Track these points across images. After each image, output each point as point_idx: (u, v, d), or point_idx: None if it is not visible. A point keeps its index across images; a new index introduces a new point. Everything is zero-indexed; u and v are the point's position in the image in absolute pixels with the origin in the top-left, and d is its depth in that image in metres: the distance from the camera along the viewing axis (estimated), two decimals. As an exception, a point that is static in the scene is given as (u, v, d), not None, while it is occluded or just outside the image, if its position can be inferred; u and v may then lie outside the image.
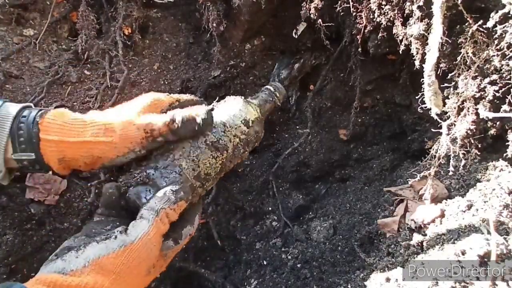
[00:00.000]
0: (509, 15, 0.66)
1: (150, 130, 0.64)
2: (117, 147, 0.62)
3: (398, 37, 0.84)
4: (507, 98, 0.69)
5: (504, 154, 0.75)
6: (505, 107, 0.70)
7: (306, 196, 1.30)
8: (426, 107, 0.74)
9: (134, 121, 0.64)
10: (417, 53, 0.79)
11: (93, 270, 0.50)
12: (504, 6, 0.66)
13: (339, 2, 0.95)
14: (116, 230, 0.55)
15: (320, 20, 1.01)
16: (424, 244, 0.72)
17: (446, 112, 0.78)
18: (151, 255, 0.56)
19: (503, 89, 0.70)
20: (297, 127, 1.36)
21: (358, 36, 0.98)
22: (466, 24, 0.71)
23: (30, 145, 0.60)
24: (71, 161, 0.62)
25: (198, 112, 0.68)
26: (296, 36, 1.24)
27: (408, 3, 0.79)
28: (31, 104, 0.66)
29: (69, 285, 0.48)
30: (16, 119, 0.60)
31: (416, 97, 0.78)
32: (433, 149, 0.80)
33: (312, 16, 0.99)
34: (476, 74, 0.73)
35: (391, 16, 0.83)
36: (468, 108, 0.74)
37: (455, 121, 0.76)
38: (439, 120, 0.77)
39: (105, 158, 0.63)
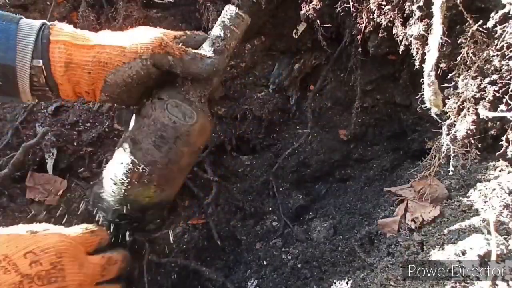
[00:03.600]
0: (509, 15, 0.66)
1: (164, 43, 0.61)
2: (125, 52, 0.60)
3: (398, 37, 0.84)
4: (505, 98, 0.69)
5: (497, 153, 0.74)
6: (502, 106, 0.70)
7: (306, 196, 1.30)
8: (425, 107, 0.75)
9: (148, 33, 0.62)
10: (417, 53, 0.80)
11: None
12: (504, 6, 0.66)
13: (339, 2, 0.95)
14: None
15: (318, 21, 1.01)
16: (424, 244, 0.72)
17: (446, 112, 0.78)
18: None
19: (503, 89, 0.70)
20: (297, 127, 1.36)
21: (358, 36, 0.98)
22: (466, 24, 0.71)
23: (39, 49, 0.57)
24: (76, 71, 0.59)
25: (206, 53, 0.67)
26: (296, 36, 1.24)
27: (408, 3, 0.79)
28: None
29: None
30: (39, 32, 0.58)
31: (416, 97, 0.78)
32: (433, 149, 0.80)
33: (311, 16, 0.99)
34: (476, 74, 0.73)
35: (391, 16, 0.84)
36: (468, 108, 0.74)
37: (455, 121, 0.76)
38: (439, 120, 0.77)
39: (111, 65, 0.59)
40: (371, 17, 0.90)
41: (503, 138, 0.73)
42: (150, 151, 0.65)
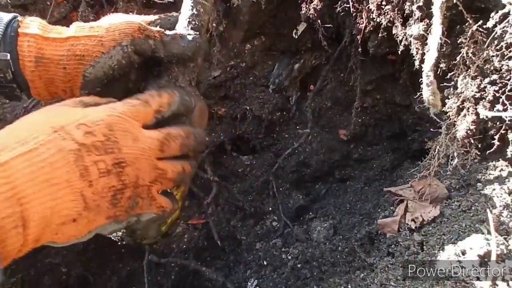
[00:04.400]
0: (509, 15, 0.66)
1: (143, 28, 0.57)
2: (103, 41, 0.55)
3: (398, 37, 0.84)
4: (501, 98, 0.69)
5: (488, 152, 0.74)
6: (498, 106, 0.70)
7: (306, 196, 1.30)
8: (425, 107, 0.75)
9: (124, 19, 0.58)
10: (417, 53, 0.80)
11: None
12: (504, 6, 0.66)
13: (339, 2, 0.95)
14: None
15: (319, 21, 1.01)
16: (424, 244, 0.72)
17: (446, 112, 0.78)
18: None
19: (503, 89, 0.70)
20: (297, 127, 1.36)
21: (358, 36, 0.98)
22: (466, 24, 0.71)
23: (7, 42, 0.52)
24: (49, 67, 0.54)
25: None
26: (296, 36, 1.24)
27: (408, 3, 0.79)
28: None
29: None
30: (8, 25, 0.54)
31: (416, 97, 0.78)
32: (433, 149, 0.80)
33: (312, 16, 0.99)
34: (476, 74, 0.73)
35: (391, 16, 0.84)
36: (468, 108, 0.74)
37: (455, 121, 0.76)
38: (439, 120, 0.77)
39: (88, 58, 0.54)
40: (371, 17, 0.90)
41: (503, 138, 0.73)
42: None
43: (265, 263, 1.10)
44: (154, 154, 0.51)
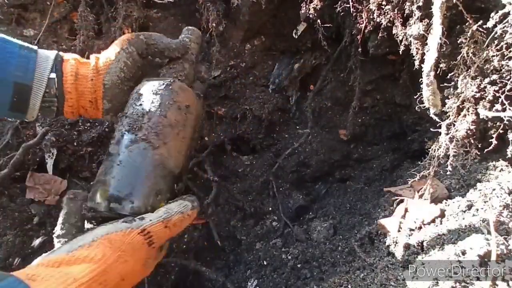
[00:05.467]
0: (509, 15, 0.66)
1: (134, 34, 0.73)
2: (110, 53, 0.71)
3: (398, 37, 0.84)
4: (501, 98, 0.69)
5: (486, 150, 0.74)
6: (497, 106, 0.70)
7: (306, 196, 1.30)
8: (425, 107, 0.75)
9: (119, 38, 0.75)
10: (417, 53, 0.80)
11: (102, 243, 0.51)
12: (504, 6, 0.66)
13: (339, 2, 0.95)
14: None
15: (319, 21, 1.01)
16: (424, 244, 0.72)
17: (446, 112, 0.78)
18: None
19: (503, 89, 0.70)
20: (297, 127, 1.36)
21: (358, 36, 0.98)
22: (466, 24, 0.71)
23: (55, 68, 0.68)
24: (82, 82, 0.70)
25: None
26: (296, 36, 1.24)
27: (408, 3, 0.79)
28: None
29: (77, 258, 0.48)
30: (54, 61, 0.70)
31: (416, 97, 0.78)
32: (432, 149, 0.80)
33: (311, 16, 0.99)
34: (476, 74, 0.73)
35: (391, 16, 0.83)
36: (468, 108, 0.74)
37: (454, 121, 0.76)
38: (439, 120, 0.77)
39: (104, 67, 0.70)
40: (371, 17, 0.90)
41: (503, 138, 0.73)
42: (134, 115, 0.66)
43: (265, 263, 1.10)
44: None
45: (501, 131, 0.73)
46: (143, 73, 0.75)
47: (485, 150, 0.74)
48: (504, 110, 0.69)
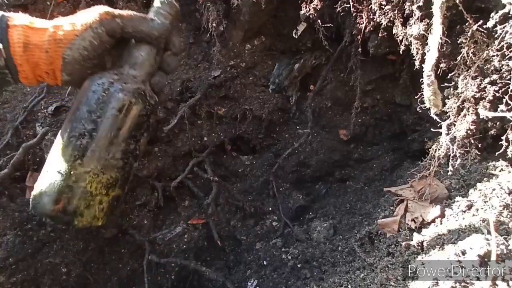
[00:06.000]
0: (509, 15, 0.66)
1: (111, 12, 0.66)
2: (76, 26, 0.64)
3: (398, 37, 0.84)
4: (505, 98, 0.69)
5: (497, 153, 0.74)
6: (502, 106, 0.70)
7: (306, 196, 1.30)
8: (425, 107, 0.74)
9: (95, 8, 0.67)
10: (417, 53, 0.79)
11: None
12: (504, 6, 0.66)
13: (339, 2, 0.95)
14: None
15: (319, 21, 1.01)
16: (424, 244, 0.72)
17: (446, 112, 0.78)
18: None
19: (503, 89, 0.70)
20: (297, 127, 1.36)
21: (358, 36, 0.98)
22: (466, 24, 0.71)
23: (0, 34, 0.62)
24: (35, 52, 0.63)
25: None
26: (296, 36, 1.24)
27: (408, 3, 0.79)
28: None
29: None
30: None
31: (416, 97, 0.78)
32: (432, 149, 0.80)
33: (311, 16, 0.99)
34: (476, 74, 0.73)
35: (391, 16, 0.83)
36: (468, 108, 0.74)
37: (455, 121, 0.76)
38: (439, 120, 0.77)
39: (65, 41, 0.63)
40: (371, 17, 0.90)
41: (503, 138, 0.73)
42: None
43: (265, 263, 1.10)
44: None
45: (501, 131, 0.73)
46: (111, 49, 0.69)
47: (488, 151, 0.74)
48: (509, 110, 0.69)
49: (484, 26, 0.68)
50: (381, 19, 0.86)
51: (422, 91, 0.73)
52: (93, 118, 0.64)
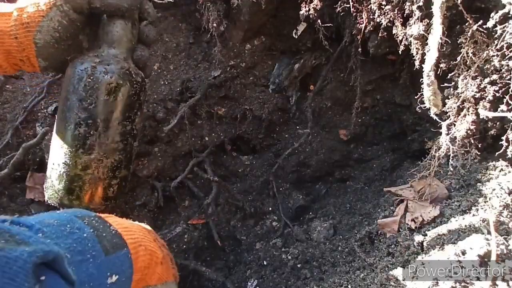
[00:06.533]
0: (509, 15, 0.66)
1: None
2: (40, 5, 0.59)
3: (398, 37, 0.84)
4: (505, 98, 0.69)
5: (497, 153, 0.74)
6: (502, 106, 0.70)
7: (306, 196, 1.30)
8: (425, 107, 0.74)
9: None
10: (417, 53, 0.80)
11: None
12: (504, 6, 0.66)
13: (339, 2, 0.95)
14: None
15: (319, 21, 1.01)
16: (424, 244, 0.72)
17: (446, 112, 0.78)
18: None
19: (503, 89, 0.70)
20: (297, 127, 1.36)
21: (358, 36, 0.98)
22: (466, 24, 0.71)
23: None
24: (4, 39, 0.58)
25: None
26: (296, 36, 1.24)
27: (408, 3, 0.79)
28: None
29: None
30: None
31: (416, 97, 0.78)
32: (433, 149, 0.80)
33: (311, 16, 0.99)
34: (476, 74, 0.73)
35: (391, 16, 0.83)
36: (468, 108, 0.74)
37: (455, 121, 0.76)
38: (439, 120, 0.77)
39: (33, 24, 0.58)
40: (371, 17, 0.90)
41: (503, 138, 0.73)
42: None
43: (265, 263, 1.10)
44: None
45: (501, 131, 0.73)
46: (83, 27, 0.64)
47: (488, 151, 0.74)
48: (510, 110, 0.69)
49: (484, 26, 0.68)
50: (381, 19, 0.86)
51: (422, 91, 0.73)
52: (85, 106, 0.62)
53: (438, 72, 0.76)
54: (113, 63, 0.65)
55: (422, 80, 0.72)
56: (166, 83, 1.23)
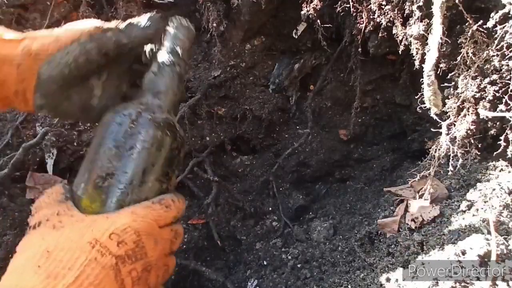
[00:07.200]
0: (509, 15, 0.66)
1: (102, 25, 0.54)
2: (60, 38, 0.52)
3: (398, 37, 0.84)
4: (504, 98, 0.69)
5: (495, 153, 0.74)
6: (501, 106, 0.70)
7: (306, 196, 1.30)
8: (425, 107, 0.74)
9: (83, 21, 0.56)
10: (417, 53, 0.79)
11: None
12: (504, 6, 0.66)
13: (339, 2, 0.95)
14: None
15: (319, 21, 1.01)
16: (424, 244, 0.72)
17: (446, 112, 0.78)
18: None
19: (503, 89, 0.70)
20: (297, 127, 1.36)
21: (358, 36, 0.98)
22: (466, 24, 0.71)
23: None
24: (2, 67, 0.51)
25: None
26: (296, 36, 1.24)
27: (408, 3, 0.79)
28: None
29: None
30: None
31: (416, 97, 0.78)
32: (433, 149, 0.80)
33: (311, 16, 0.99)
34: (476, 74, 0.73)
35: (391, 16, 0.83)
36: (468, 108, 0.74)
37: (455, 121, 0.76)
38: (439, 120, 0.77)
39: (43, 55, 0.51)
40: (371, 17, 0.90)
41: (502, 138, 0.73)
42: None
43: (265, 263, 1.10)
44: (167, 252, 0.55)
45: (500, 131, 0.73)
46: (100, 73, 0.57)
47: (488, 151, 0.74)
48: (509, 110, 0.69)
49: (484, 26, 0.68)
50: (381, 19, 0.86)
51: (422, 91, 0.73)
52: (120, 154, 0.54)
53: (438, 72, 0.76)
54: (158, 112, 0.57)
55: (422, 80, 0.72)
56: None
